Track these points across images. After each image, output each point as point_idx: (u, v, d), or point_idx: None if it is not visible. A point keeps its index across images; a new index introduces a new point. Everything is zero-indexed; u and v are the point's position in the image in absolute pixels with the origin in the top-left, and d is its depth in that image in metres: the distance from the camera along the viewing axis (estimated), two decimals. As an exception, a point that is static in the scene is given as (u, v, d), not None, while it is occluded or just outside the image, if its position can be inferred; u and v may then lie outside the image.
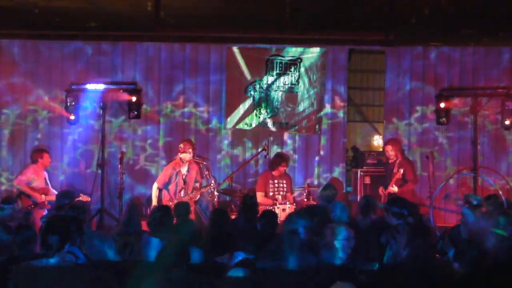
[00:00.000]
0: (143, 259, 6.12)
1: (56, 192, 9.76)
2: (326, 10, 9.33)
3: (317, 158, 11.23)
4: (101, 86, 10.53)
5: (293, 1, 8.94)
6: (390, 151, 9.99)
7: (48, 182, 9.89)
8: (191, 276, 4.83)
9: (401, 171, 9.75)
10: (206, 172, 9.72)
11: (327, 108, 11.20)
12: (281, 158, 10.03)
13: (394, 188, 9.72)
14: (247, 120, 11.18)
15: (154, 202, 9.59)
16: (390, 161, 10.00)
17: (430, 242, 5.51)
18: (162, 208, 7.08)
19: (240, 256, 5.50)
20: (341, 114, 11.25)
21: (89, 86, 10.55)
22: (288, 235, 5.67)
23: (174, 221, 7.21)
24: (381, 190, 9.86)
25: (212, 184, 9.60)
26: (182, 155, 9.64)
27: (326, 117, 11.21)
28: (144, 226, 7.19)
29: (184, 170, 9.67)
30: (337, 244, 5.00)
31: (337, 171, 11.17)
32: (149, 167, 11.05)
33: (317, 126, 11.16)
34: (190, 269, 4.96)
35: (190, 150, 9.66)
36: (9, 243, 5.80)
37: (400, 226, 5.69)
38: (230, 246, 5.93)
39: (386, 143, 10.26)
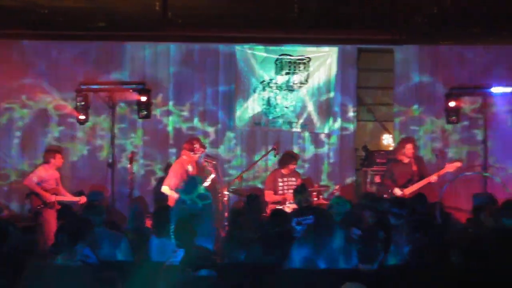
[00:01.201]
0: (152, 260, 6.13)
1: (66, 193, 9.80)
2: (334, 9, 9.31)
3: (326, 157, 11.22)
4: (110, 86, 10.58)
5: (301, 1, 8.92)
6: (411, 149, 9.69)
7: (59, 182, 9.88)
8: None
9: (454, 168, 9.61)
10: (214, 175, 9.71)
11: (337, 108, 11.17)
12: (291, 157, 9.99)
13: (435, 177, 9.50)
14: (256, 119, 11.17)
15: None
16: (405, 161, 9.69)
17: (432, 236, 5.49)
18: (166, 208, 7.05)
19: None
20: (351, 113, 11.23)
21: (98, 86, 10.60)
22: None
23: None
24: (397, 190, 9.48)
25: (212, 175, 9.60)
26: (196, 155, 9.58)
27: (335, 117, 11.18)
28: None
29: (190, 168, 9.65)
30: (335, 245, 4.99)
31: (348, 171, 11.19)
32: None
33: (327, 126, 11.14)
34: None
35: (202, 150, 9.67)
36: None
37: (399, 227, 5.68)
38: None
39: (406, 141, 9.82)
